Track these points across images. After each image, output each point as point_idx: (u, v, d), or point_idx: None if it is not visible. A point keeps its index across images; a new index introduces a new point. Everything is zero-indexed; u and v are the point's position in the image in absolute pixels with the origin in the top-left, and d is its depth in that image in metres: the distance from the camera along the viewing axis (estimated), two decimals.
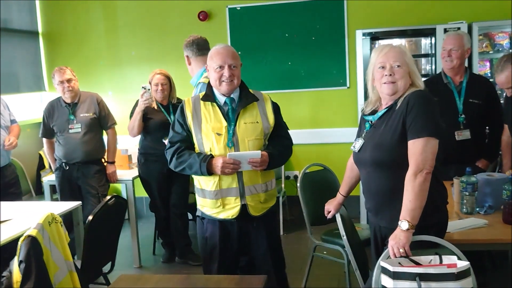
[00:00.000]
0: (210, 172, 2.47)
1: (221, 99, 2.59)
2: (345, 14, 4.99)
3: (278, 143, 2.62)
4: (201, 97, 2.61)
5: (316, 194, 3.50)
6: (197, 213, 2.70)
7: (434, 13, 4.78)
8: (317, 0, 5.03)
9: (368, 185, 2.30)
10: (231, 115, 2.55)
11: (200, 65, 3.32)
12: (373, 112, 2.32)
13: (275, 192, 2.74)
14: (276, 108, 2.67)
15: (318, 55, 5.09)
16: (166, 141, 3.91)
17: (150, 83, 4.04)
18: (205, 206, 2.61)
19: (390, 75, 2.18)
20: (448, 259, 1.96)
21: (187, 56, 3.43)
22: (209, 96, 2.59)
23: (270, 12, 5.14)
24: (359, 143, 2.32)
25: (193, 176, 2.66)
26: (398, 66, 2.17)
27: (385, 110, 2.24)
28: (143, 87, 3.85)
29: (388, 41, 4.57)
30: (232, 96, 2.59)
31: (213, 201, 2.55)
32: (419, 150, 2.06)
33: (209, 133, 2.52)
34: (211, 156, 2.49)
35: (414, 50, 4.55)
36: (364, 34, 4.49)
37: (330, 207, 2.66)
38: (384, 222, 2.27)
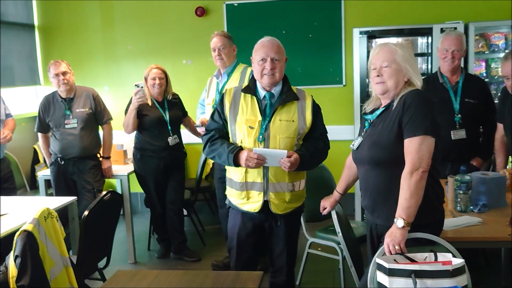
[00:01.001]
0: (237, 163, 2.49)
1: (262, 93, 2.60)
2: (343, 12, 4.99)
3: (311, 144, 2.59)
4: (243, 88, 2.63)
5: (311, 191, 3.49)
6: (226, 201, 2.76)
7: (431, 13, 4.79)
8: None
9: (365, 183, 2.32)
10: (268, 110, 2.56)
11: None
12: (373, 111, 2.33)
13: (303, 193, 2.71)
14: (316, 109, 2.63)
15: (315, 52, 5.10)
16: (169, 139, 3.96)
17: (145, 78, 4.01)
18: (232, 196, 2.66)
19: (378, 75, 2.21)
20: (443, 256, 1.98)
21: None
22: (250, 88, 2.61)
23: (267, 9, 5.13)
24: (357, 141, 2.34)
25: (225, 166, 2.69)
26: (386, 66, 2.19)
27: (383, 109, 2.26)
28: (136, 85, 3.82)
29: (385, 39, 4.58)
30: (272, 91, 2.59)
31: (239, 192, 2.59)
32: (415, 149, 2.07)
33: (242, 125, 2.54)
34: (240, 148, 2.51)
35: (411, 49, 4.57)
36: (361, 33, 4.50)
37: (326, 203, 2.67)
38: (380, 220, 2.28)
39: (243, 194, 2.58)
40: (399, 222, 2.05)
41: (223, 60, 3.77)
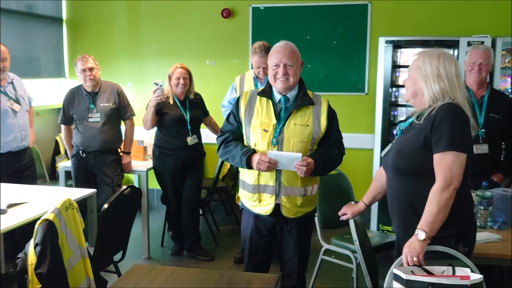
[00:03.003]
0: (250, 166, 2.50)
1: (277, 97, 2.61)
2: (369, 20, 4.98)
3: (325, 150, 2.58)
4: (259, 91, 2.65)
5: (328, 198, 3.51)
6: (239, 203, 2.78)
7: (458, 25, 4.75)
8: (341, 5, 5.03)
9: (388, 190, 2.32)
10: (283, 114, 2.56)
11: None
12: (407, 119, 2.32)
13: (315, 198, 2.71)
14: (331, 115, 2.62)
15: (338, 59, 5.09)
16: (189, 139, 4.00)
17: (170, 76, 4.05)
18: (244, 198, 2.68)
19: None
20: (461, 271, 1.97)
21: None
22: (266, 92, 2.62)
23: (293, 14, 5.14)
24: (387, 148, 2.33)
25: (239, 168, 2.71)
26: (408, 76, 2.23)
27: (414, 117, 2.24)
28: (155, 83, 3.86)
29: (410, 50, 4.55)
30: (288, 95, 2.60)
31: (251, 194, 2.61)
32: (447, 165, 2.05)
33: (257, 128, 2.56)
34: (253, 151, 2.52)
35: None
36: (387, 42, 4.48)
37: (348, 210, 2.63)
38: (396, 229, 2.28)
39: (255, 197, 2.59)
40: (420, 235, 2.04)
41: None
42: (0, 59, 3.74)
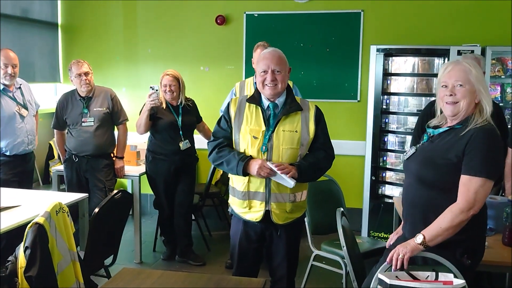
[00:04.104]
0: (245, 173, 2.51)
1: (266, 103, 2.62)
2: (361, 28, 5.03)
3: (311, 155, 2.60)
4: (247, 98, 2.66)
5: (319, 204, 3.55)
6: (229, 209, 2.78)
7: (449, 34, 4.82)
8: (334, 13, 5.08)
9: (406, 194, 2.31)
10: (272, 120, 2.58)
11: None
12: (436, 127, 2.30)
13: (304, 204, 2.73)
14: (318, 118, 2.63)
15: (331, 66, 5.14)
16: (181, 144, 4.02)
17: (160, 83, 4.09)
18: (234, 204, 2.69)
19: (451, 95, 2.15)
20: (444, 276, 1.99)
21: None
22: (255, 98, 2.64)
23: (287, 21, 5.19)
24: (411, 152, 2.32)
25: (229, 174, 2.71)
26: (461, 85, 2.13)
27: (446, 129, 2.21)
28: (151, 87, 3.90)
29: (401, 58, 4.61)
30: (276, 101, 2.61)
31: (241, 201, 2.62)
32: (474, 189, 2.04)
33: (246, 135, 2.57)
34: (250, 157, 2.53)
35: (427, 69, 4.59)
36: (378, 50, 4.53)
37: (394, 235, 2.55)
38: (405, 231, 2.29)
39: (245, 203, 2.61)
40: (418, 239, 2.08)
41: None
42: (11, 65, 3.84)
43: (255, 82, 3.98)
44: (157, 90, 3.92)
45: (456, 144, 2.11)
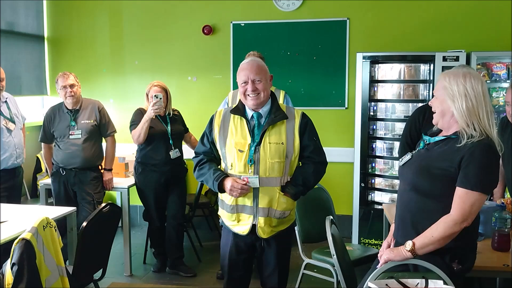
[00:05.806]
0: (222, 190, 2.53)
1: (250, 113, 2.59)
2: (347, 36, 5.07)
3: (299, 173, 2.60)
4: (231, 109, 2.64)
5: (309, 212, 3.55)
6: (219, 221, 2.78)
7: (434, 41, 4.87)
8: (320, 21, 5.12)
9: (399, 199, 2.32)
10: (257, 131, 2.55)
11: None
12: (432, 134, 2.30)
13: (290, 218, 2.70)
14: (303, 127, 2.58)
15: (318, 74, 5.16)
16: (171, 153, 4.02)
17: (147, 94, 4.08)
18: (224, 217, 2.68)
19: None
20: (433, 283, 2.00)
21: None
22: (239, 109, 2.60)
23: (273, 30, 5.22)
24: (406, 158, 2.32)
25: None
26: (433, 96, 2.22)
27: (443, 138, 2.21)
28: (155, 96, 3.93)
29: (387, 65, 4.64)
30: (260, 111, 2.58)
31: (229, 214, 2.61)
32: (470, 202, 2.05)
33: (232, 149, 2.54)
34: (225, 176, 2.53)
35: (413, 75, 4.62)
36: (364, 57, 4.56)
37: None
38: (399, 238, 2.29)
39: (234, 217, 2.60)
40: (408, 245, 2.10)
41: None
42: None
43: None
44: (161, 99, 3.94)
45: (452, 156, 2.11)
